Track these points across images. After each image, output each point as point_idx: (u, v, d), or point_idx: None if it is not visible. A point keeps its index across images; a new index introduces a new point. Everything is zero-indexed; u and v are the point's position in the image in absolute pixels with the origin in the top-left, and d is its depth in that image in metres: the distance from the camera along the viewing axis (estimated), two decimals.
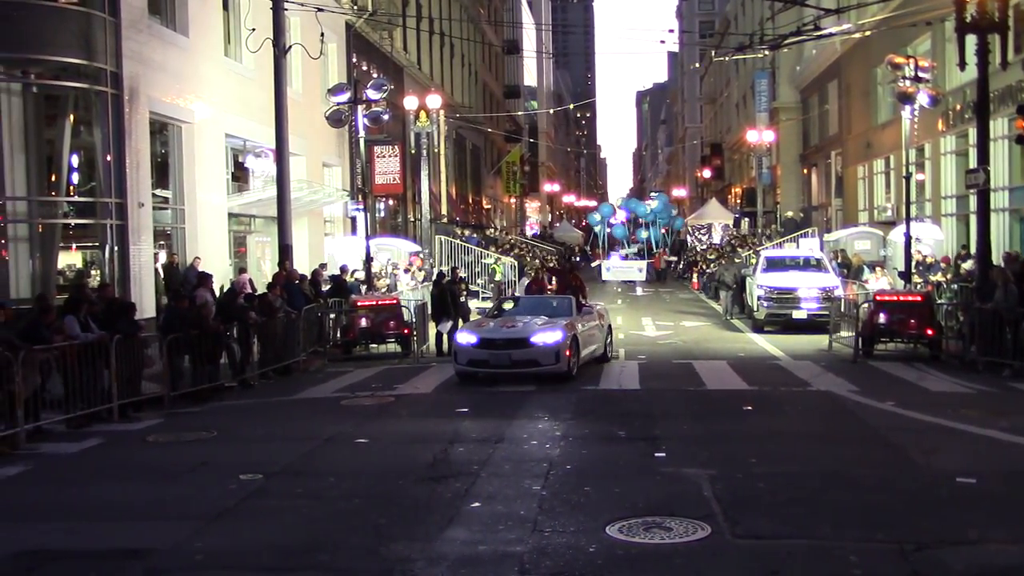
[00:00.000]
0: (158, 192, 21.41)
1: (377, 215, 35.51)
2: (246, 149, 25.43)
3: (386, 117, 25.27)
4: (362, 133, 24.69)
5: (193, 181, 22.23)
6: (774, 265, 25.48)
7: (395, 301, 21.07)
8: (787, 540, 7.27)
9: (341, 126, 25.98)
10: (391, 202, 39.58)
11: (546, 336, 15.40)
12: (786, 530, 7.50)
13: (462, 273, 29.31)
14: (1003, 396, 13.81)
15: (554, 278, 24.66)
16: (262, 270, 25.63)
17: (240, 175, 26.00)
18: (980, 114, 18.47)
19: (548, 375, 15.26)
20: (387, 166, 34.90)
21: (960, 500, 8.29)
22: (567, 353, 15.40)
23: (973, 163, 19.28)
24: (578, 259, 54.17)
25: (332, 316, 21.06)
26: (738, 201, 65.89)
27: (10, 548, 7.45)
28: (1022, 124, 17.84)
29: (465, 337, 16.12)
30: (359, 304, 20.65)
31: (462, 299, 22.94)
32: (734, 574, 6.54)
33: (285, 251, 20.70)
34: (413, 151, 36.94)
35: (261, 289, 19.41)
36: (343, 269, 24.20)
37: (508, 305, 18.98)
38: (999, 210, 24.30)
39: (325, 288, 22.30)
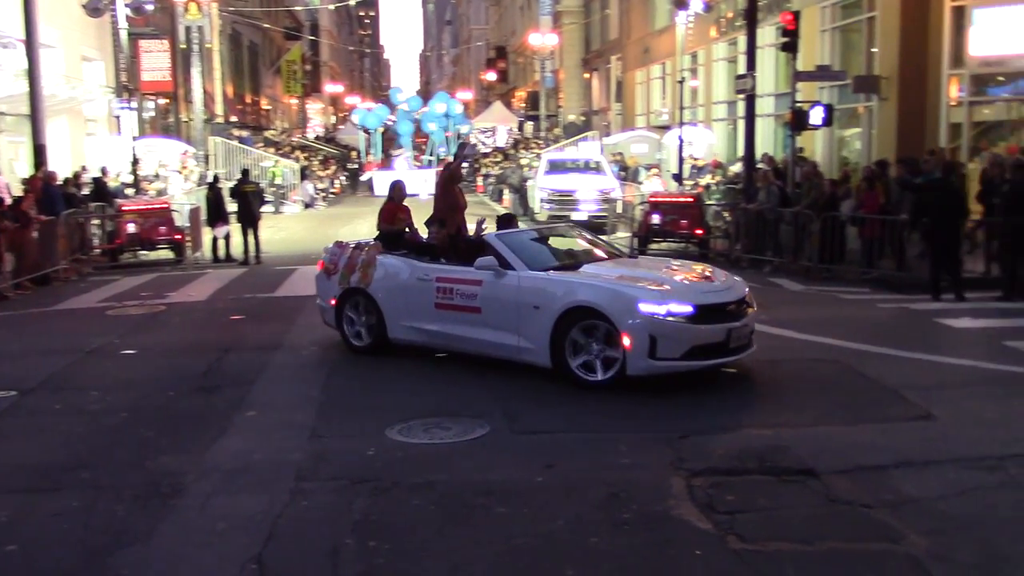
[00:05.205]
0: None
1: (146, 115, 33.44)
2: None
3: (151, 8, 23.76)
4: (124, 25, 23.01)
5: None
6: (556, 168, 25.93)
7: (165, 205, 20.07)
8: (562, 434, 7.46)
9: (100, 15, 24.10)
10: (161, 101, 37.34)
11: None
12: (562, 425, 7.68)
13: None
14: (764, 290, 14.58)
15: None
16: (16, 172, 23.67)
17: None
18: (750, 21, 19.16)
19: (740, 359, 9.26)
20: (155, 62, 32.85)
21: (724, 390, 8.72)
22: None
23: (742, 70, 20.05)
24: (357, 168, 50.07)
25: (96, 222, 19.78)
26: (522, 105, 66.31)
27: None
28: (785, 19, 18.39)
29: (672, 306, 8.50)
30: (125, 209, 19.51)
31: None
32: (512, 469, 6.63)
33: (40, 152, 19.13)
34: (184, 46, 34.84)
35: (20, 194, 17.92)
36: (103, 171, 22.69)
37: (503, 248, 9.54)
38: (764, 116, 25.52)
39: (85, 192, 20.86)
